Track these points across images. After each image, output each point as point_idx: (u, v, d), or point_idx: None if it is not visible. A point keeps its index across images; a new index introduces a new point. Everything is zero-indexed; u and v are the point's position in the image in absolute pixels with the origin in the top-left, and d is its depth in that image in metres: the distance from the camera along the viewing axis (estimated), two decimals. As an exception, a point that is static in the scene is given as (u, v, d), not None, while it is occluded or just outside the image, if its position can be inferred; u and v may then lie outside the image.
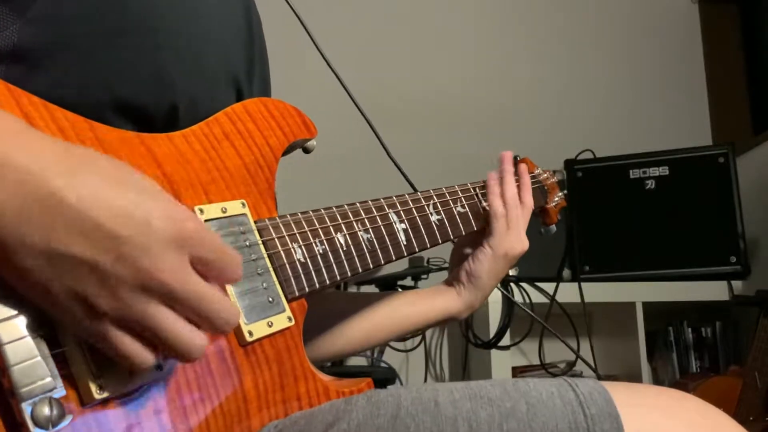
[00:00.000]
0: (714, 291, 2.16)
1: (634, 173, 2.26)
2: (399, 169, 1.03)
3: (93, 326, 0.44)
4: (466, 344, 2.24)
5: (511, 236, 0.90)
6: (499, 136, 2.59)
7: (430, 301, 0.92)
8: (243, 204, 0.63)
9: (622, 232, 2.22)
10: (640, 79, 2.76)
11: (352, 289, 2.08)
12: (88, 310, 0.44)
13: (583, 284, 2.15)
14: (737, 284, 2.15)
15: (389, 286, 2.06)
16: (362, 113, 0.99)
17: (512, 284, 2.03)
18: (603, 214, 2.26)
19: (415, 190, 0.87)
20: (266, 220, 0.65)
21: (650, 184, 2.24)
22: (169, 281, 0.45)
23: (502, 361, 2.06)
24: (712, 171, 2.21)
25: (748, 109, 2.80)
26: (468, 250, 0.94)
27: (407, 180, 1.02)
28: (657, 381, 2.34)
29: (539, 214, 1.08)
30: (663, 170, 2.24)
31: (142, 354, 0.46)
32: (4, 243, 0.41)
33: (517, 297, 2.06)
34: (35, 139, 0.44)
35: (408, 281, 2.10)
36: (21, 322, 0.44)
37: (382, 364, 2.11)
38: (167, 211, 0.45)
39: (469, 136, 2.57)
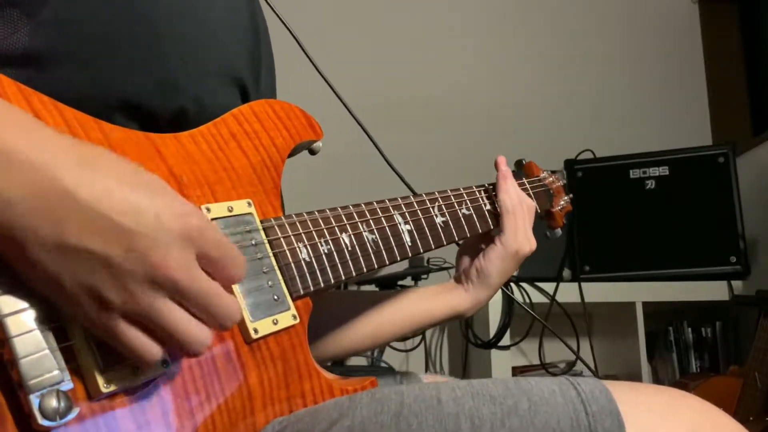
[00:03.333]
0: (714, 291, 2.16)
1: (634, 173, 2.26)
2: (395, 171, 1.04)
3: (102, 319, 0.45)
4: (466, 344, 2.25)
5: (521, 235, 0.91)
6: (500, 136, 2.60)
7: (436, 299, 0.92)
8: (249, 203, 0.64)
9: (622, 232, 2.23)
10: (640, 79, 2.76)
11: (352, 289, 2.08)
12: (98, 304, 0.44)
13: (583, 284, 2.15)
14: (737, 284, 2.16)
15: (389, 286, 2.07)
16: (354, 117, 0.99)
17: (512, 284, 2.04)
18: (603, 214, 2.26)
19: (413, 192, 0.88)
20: (272, 219, 0.65)
21: (650, 184, 2.25)
22: (178, 276, 0.46)
23: (502, 361, 2.07)
24: (712, 171, 2.21)
25: (748, 109, 2.81)
26: (477, 248, 0.94)
27: (404, 182, 1.03)
28: (657, 381, 2.35)
29: (545, 218, 1.08)
30: (663, 170, 2.24)
31: (149, 348, 0.47)
32: (16, 236, 0.42)
33: (517, 297, 2.06)
34: (48, 136, 0.45)
35: (408, 281, 2.11)
36: (29, 316, 0.44)
37: (382, 364, 2.12)
38: (176, 208, 0.46)
39: (470, 137, 2.58)
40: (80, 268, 0.43)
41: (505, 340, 2.02)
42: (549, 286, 2.11)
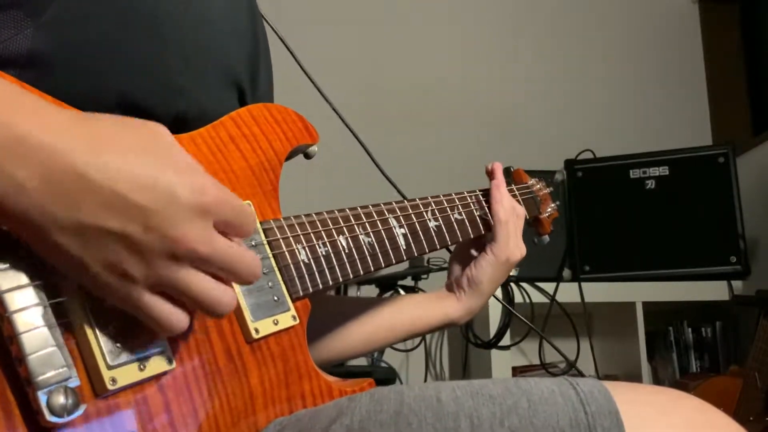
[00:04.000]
0: (714, 291, 2.16)
1: (634, 173, 2.26)
2: (387, 178, 1.04)
3: (128, 293, 0.46)
4: (466, 344, 2.25)
5: (512, 243, 0.92)
6: (500, 137, 2.60)
7: (429, 307, 0.93)
8: (248, 205, 0.64)
9: (622, 232, 2.23)
10: (640, 79, 2.76)
11: (352, 289, 2.08)
12: (122, 279, 0.45)
13: (583, 284, 2.15)
14: (737, 284, 2.16)
15: (389, 286, 2.07)
16: (345, 123, 0.99)
17: (512, 284, 2.04)
18: (603, 214, 2.26)
19: (404, 197, 0.88)
20: (271, 221, 0.66)
21: (650, 184, 2.25)
22: (198, 248, 0.47)
23: (502, 361, 2.07)
24: (712, 171, 2.21)
25: (748, 109, 2.81)
26: (468, 257, 0.95)
27: (394, 187, 1.03)
28: (657, 381, 2.35)
29: (533, 224, 1.10)
30: (663, 170, 2.24)
31: (176, 316, 0.48)
32: (34, 222, 0.43)
33: (517, 297, 2.06)
34: (54, 115, 0.45)
35: (408, 281, 2.11)
36: (37, 312, 0.45)
37: (382, 364, 2.12)
38: (190, 181, 0.47)
39: (470, 137, 2.58)
40: (101, 247, 0.44)
41: (505, 340, 2.02)
42: (549, 286, 2.12)
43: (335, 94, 0.99)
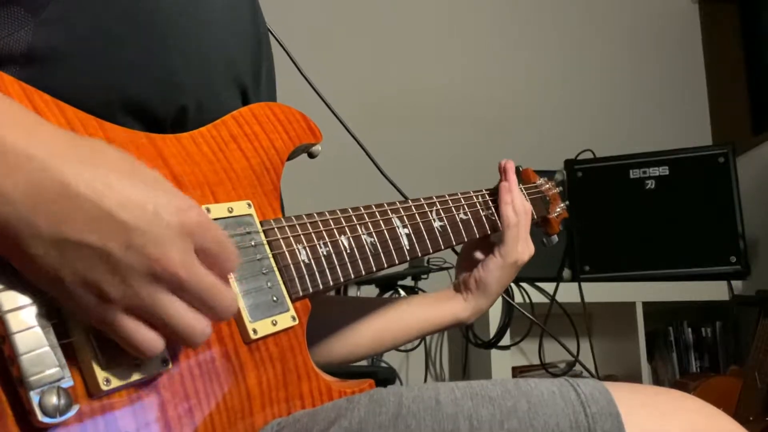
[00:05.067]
0: (714, 291, 2.16)
1: (634, 173, 2.26)
2: (387, 179, 1.04)
3: (103, 313, 0.45)
4: (466, 344, 2.25)
5: (520, 244, 0.91)
6: (500, 137, 2.60)
7: (437, 307, 0.93)
8: (249, 204, 0.64)
9: (622, 232, 2.23)
10: (640, 79, 2.76)
11: (352, 289, 2.08)
12: (98, 298, 0.45)
13: (583, 284, 2.15)
14: (737, 284, 2.16)
15: (389, 286, 2.07)
16: (343, 124, 0.99)
17: (512, 284, 2.03)
18: (603, 214, 2.26)
19: (405, 197, 0.88)
20: (272, 221, 0.66)
21: (650, 184, 2.25)
22: (178, 271, 0.46)
23: (502, 361, 2.07)
24: (712, 171, 2.21)
25: (748, 109, 2.80)
26: (476, 258, 0.95)
27: (395, 187, 1.03)
28: (657, 381, 2.35)
29: (542, 225, 1.09)
30: (663, 170, 2.24)
31: (150, 340, 0.47)
32: (13, 230, 0.42)
33: (518, 297, 2.06)
34: (46, 130, 0.45)
35: (408, 281, 2.11)
36: (30, 312, 0.45)
37: (382, 364, 2.11)
38: (175, 203, 0.47)
39: (470, 137, 2.58)
40: (79, 262, 0.44)
41: (505, 340, 2.02)
42: (549, 286, 2.11)
43: (335, 94, 0.98)
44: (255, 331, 0.60)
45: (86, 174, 0.44)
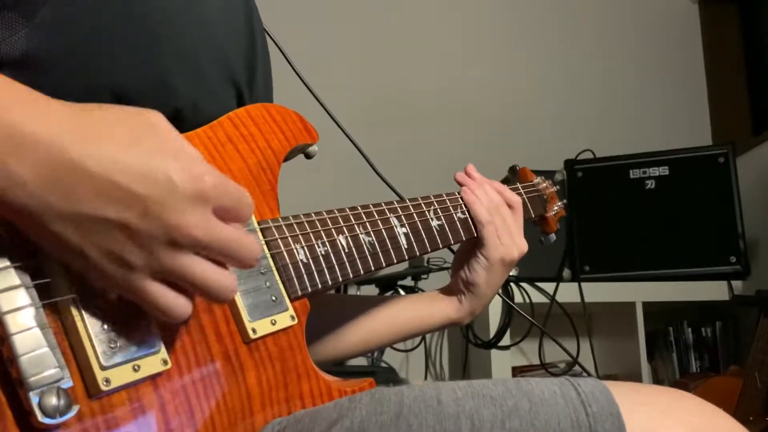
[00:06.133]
0: (714, 291, 2.16)
1: (634, 173, 2.26)
2: (383, 179, 1.04)
3: (129, 281, 0.46)
4: (466, 344, 2.25)
5: (504, 242, 0.89)
6: (500, 137, 2.60)
7: (431, 307, 0.92)
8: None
9: (622, 232, 2.23)
10: (640, 79, 2.76)
11: (352, 290, 2.08)
12: (122, 268, 0.45)
13: (583, 284, 2.15)
14: (737, 284, 2.16)
15: (389, 286, 2.07)
16: (338, 124, 0.98)
17: (512, 284, 2.04)
18: (603, 214, 2.26)
19: (401, 197, 0.88)
20: (269, 221, 0.66)
21: (650, 184, 2.25)
22: (198, 235, 0.47)
23: (502, 361, 2.07)
24: (712, 171, 2.21)
25: (748, 109, 2.80)
26: (465, 259, 0.93)
27: (390, 187, 1.03)
28: (657, 381, 2.35)
29: (539, 223, 1.09)
30: (663, 170, 2.24)
31: (178, 304, 0.48)
32: (31, 212, 0.43)
33: (517, 297, 2.06)
34: (50, 107, 0.45)
35: (408, 281, 2.11)
36: (29, 313, 0.45)
37: (382, 364, 2.11)
38: (187, 168, 0.47)
39: (470, 137, 2.58)
40: (99, 235, 0.44)
41: (505, 340, 2.02)
42: (549, 286, 2.11)
43: (335, 94, 0.98)
44: (254, 330, 0.60)
45: (94, 148, 0.44)
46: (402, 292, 2.04)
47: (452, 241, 0.87)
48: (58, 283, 0.47)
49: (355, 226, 0.74)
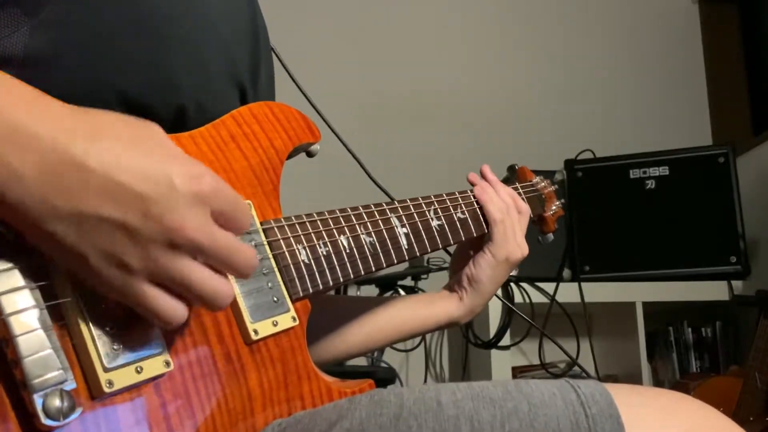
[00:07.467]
0: (714, 291, 2.16)
1: (634, 173, 2.26)
2: (377, 183, 1.04)
3: (127, 285, 0.46)
4: (466, 344, 2.25)
5: (510, 242, 0.92)
6: (500, 137, 2.60)
7: (431, 306, 0.93)
8: (249, 205, 0.64)
9: (622, 232, 2.23)
10: (640, 79, 2.76)
11: (352, 290, 2.08)
12: (120, 270, 0.45)
13: (583, 284, 2.15)
14: (737, 284, 2.16)
15: (389, 286, 2.06)
16: (331, 128, 0.98)
17: (512, 284, 2.04)
18: (603, 214, 2.26)
19: (392, 199, 0.88)
20: (272, 221, 0.66)
21: (650, 184, 2.25)
22: (197, 237, 0.47)
23: (502, 361, 2.07)
24: (712, 171, 2.21)
25: (748, 109, 2.80)
26: (467, 256, 0.94)
27: (382, 190, 1.03)
28: (657, 381, 2.35)
29: (537, 222, 1.09)
30: (663, 170, 2.24)
31: (175, 308, 0.48)
32: (30, 211, 0.42)
33: (517, 297, 2.06)
34: (51, 106, 0.45)
35: (408, 281, 2.11)
36: (33, 315, 0.44)
37: (382, 364, 2.11)
38: (187, 170, 0.47)
39: (470, 137, 2.58)
40: (99, 236, 0.44)
41: (505, 340, 2.02)
42: (549, 286, 2.11)
43: (334, 95, 0.98)
44: (256, 331, 0.60)
45: (95, 150, 0.44)
46: (402, 292, 2.04)
47: (452, 241, 0.87)
48: (62, 284, 0.47)
49: (357, 226, 0.74)
